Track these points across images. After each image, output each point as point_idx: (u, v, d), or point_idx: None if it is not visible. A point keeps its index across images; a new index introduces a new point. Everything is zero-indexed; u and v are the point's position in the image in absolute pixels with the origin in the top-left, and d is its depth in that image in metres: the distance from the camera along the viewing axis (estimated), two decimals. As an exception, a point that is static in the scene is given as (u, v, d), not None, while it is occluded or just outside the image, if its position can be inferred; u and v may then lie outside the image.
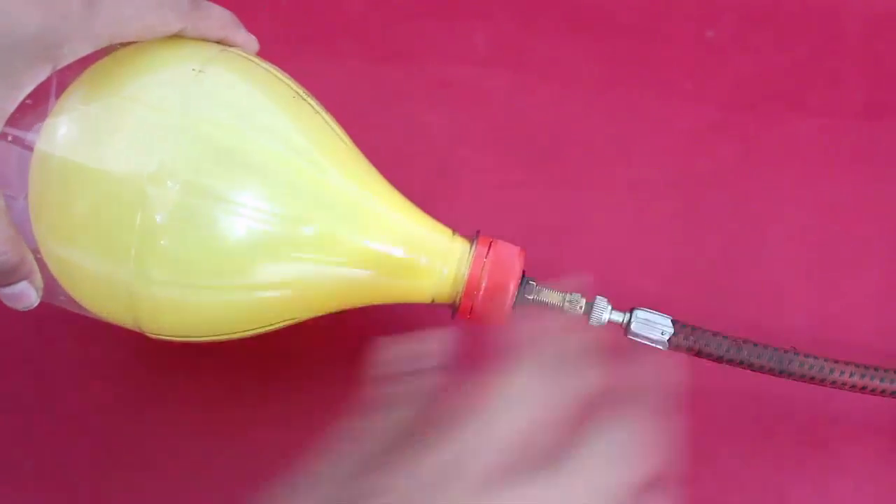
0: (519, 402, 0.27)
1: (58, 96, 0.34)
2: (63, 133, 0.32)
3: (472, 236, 0.36)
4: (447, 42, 0.50)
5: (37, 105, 0.33)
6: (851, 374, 0.37)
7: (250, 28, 0.38)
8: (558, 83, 0.49)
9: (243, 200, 0.32)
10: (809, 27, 0.50)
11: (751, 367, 0.37)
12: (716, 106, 0.49)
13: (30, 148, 0.33)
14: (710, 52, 0.50)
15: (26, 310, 0.34)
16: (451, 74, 0.49)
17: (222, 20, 0.36)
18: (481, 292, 0.35)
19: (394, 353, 0.29)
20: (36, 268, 0.33)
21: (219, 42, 0.36)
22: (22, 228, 0.33)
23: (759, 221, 0.46)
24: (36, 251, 0.34)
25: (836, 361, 0.37)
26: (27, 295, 0.34)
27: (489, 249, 0.36)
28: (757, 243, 0.45)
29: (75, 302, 0.35)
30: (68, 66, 0.32)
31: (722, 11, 0.51)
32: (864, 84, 0.49)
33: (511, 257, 0.36)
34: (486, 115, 0.49)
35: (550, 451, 0.27)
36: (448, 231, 0.37)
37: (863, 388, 0.37)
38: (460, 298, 0.36)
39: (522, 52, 0.50)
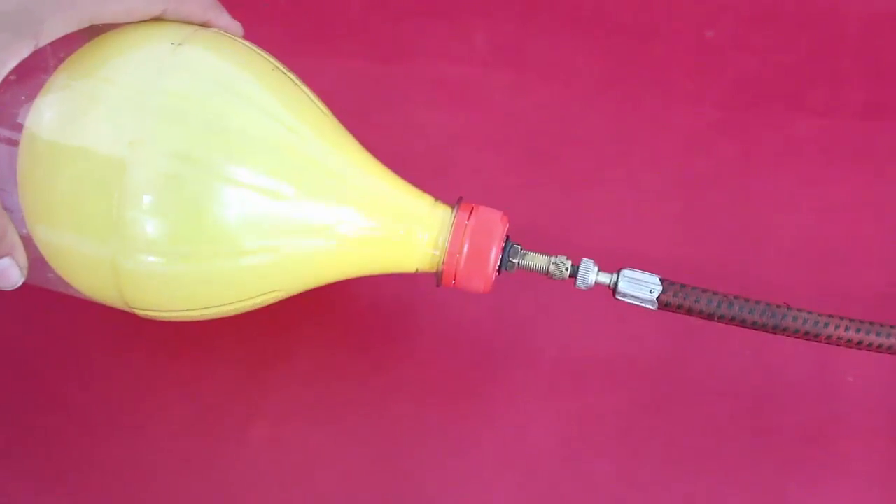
0: None
1: None
2: (44, 114, 0.32)
3: (454, 203, 0.36)
4: (447, 42, 0.50)
5: (22, 81, 0.33)
6: (847, 329, 0.35)
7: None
8: (558, 83, 0.49)
9: (222, 167, 0.32)
10: (809, 27, 0.50)
11: (743, 323, 0.35)
12: (716, 106, 0.49)
13: (16, 142, 0.33)
14: (710, 52, 0.50)
15: (11, 289, 0.34)
16: (452, 74, 0.49)
17: (204, 3, 0.36)
18: (463, 258, 0.35)
19: None
20: (20, 245, 0.33)
21: (201, 25, 0.36)
22: (14, 217, 0.33)
23: (759, 221, 0.46)
24: (27, 236, 0.34)
25: (831, 316, 0.35)
26: (10, 272, 0.33)
27: (470, 215, 0.35)
28: (757, 243, 0.45)
29: (64, 282, 0.35)
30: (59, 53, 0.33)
31: (722, 11, 0.51)
32: (864, 84, 0.49)
33: (493, 222, 0.35)
34: (486, 115, 0.49)
35: None
36: (429, 198, 0.36)
37: (858, 344, 0.35)
38: (443, 266, 0.35)
39: (522, 51, 0.50)
